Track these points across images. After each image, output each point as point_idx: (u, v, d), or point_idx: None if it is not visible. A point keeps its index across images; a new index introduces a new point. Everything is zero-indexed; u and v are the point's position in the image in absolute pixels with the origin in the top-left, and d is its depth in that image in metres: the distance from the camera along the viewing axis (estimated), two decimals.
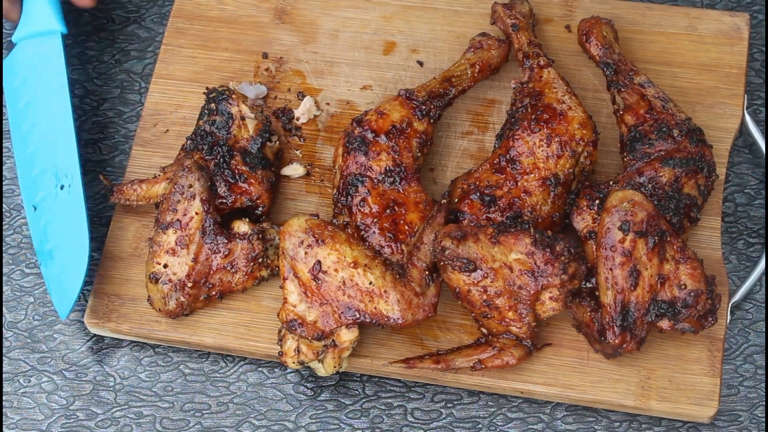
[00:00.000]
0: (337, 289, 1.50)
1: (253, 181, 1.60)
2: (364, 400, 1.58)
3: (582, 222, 1.54)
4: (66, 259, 1.59)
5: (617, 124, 1.63)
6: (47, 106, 1.68)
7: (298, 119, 1.71)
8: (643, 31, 1.73)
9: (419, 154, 1.60)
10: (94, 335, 1.63)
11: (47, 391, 1.61)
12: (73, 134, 1.64)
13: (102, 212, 1.71)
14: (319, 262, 1.50)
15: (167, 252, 1.56)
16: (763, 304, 1.61)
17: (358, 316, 1.49)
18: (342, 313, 1.50)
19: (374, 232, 1.55)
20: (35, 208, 1.63)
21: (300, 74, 1.74)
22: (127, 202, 1.62)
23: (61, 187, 1.62)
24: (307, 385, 1.59)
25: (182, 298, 1.56)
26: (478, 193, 1.56)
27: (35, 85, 1.70)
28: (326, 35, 1.76)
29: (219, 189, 1.59)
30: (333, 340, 1.50)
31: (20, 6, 1.74)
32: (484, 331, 1.53)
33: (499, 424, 1.56)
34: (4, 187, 1.73)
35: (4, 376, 1.61)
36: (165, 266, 1.56)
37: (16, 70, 1.72)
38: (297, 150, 1.69)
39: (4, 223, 1.71)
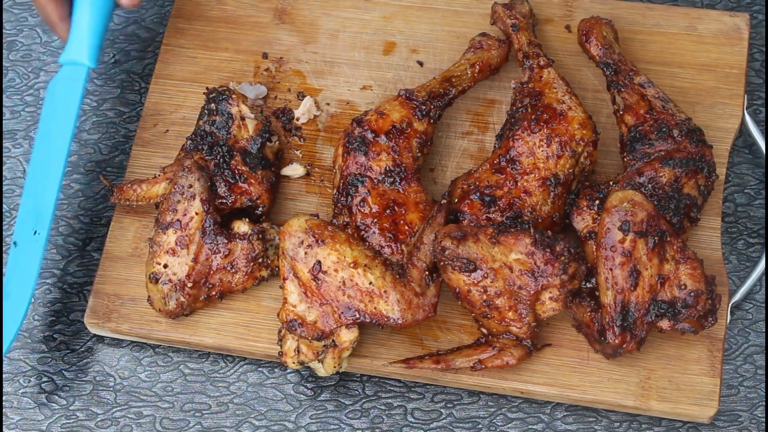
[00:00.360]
0: (337, 289, 1.50)
1: (253, 181, 1.60)
2: (364, 400, 1.58)
3: (582, 222, 1.54)
4: (8, 309, 1.54)
5: (617, 124, 1.63)
6: (50, 145, 1.61)
7: (298, 119, 1.71)
8: (643, 31, 1.73)
9: (419, 154, 1.60)
10: (94, 335, 1.63)
11: (47, 391, 1.61)
12: (59, 183, 1.58)
13: (102, 212, 1.71)
14: (319, 262, 1.50)
15: (167, 252, 1.56)
16: (763, 304, 1.61)
17: (358, 316, 1.49)
18: (342, 313, 1.50)
19: (374, 232, 1.55)
20: (15, 244, 1.58)
21: (300, 74, 1.74)
22: (127, 202, 1.62)
23: (34, 233, 1.57)
24: (307, 385, 1.59)
25: (182, 298, 1.56)
26: (478, 193, 1.56)
27: (51, 118, 1.63)
28: (326, 35, 1.76)
29: (219, 189, 1.59)
30: (333, 340, 1.50)
31: (68, 26, 1.66)
32: (484, 331, 1.53)
33: (499, 424, 1.56)
34: (5, 187, 1.73)
35: (4, 376, 1.61)
36: (165, 266, 1.56)
37: (52, 96, 1.65)
38: (297, 150, 1.69)
39: (4, 222, 1.71)
